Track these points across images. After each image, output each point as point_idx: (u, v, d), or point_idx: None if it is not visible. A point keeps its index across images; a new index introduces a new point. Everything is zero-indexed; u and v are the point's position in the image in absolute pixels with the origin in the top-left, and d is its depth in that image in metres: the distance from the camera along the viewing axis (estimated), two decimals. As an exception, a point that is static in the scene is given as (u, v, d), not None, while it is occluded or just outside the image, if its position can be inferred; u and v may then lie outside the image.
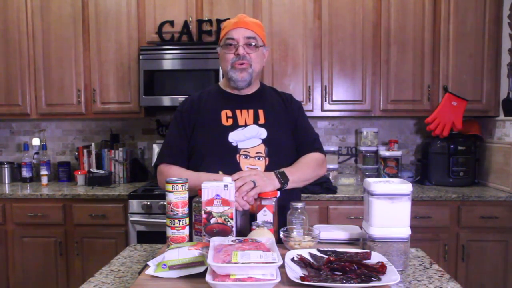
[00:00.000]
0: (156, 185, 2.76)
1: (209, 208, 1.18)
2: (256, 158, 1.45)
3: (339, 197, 2.59)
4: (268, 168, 1.44)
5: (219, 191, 1.18)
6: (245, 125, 1.49)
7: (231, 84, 1.52)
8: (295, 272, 1.01)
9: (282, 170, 1.41)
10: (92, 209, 2.67)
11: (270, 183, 1.34)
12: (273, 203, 1.29)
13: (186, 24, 2.87)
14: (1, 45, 2.99)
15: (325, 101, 2.90)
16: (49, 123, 3.38)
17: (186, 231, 1.21)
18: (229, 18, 2.79)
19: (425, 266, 1.20)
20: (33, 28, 2.97)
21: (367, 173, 3.06)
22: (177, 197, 1.19)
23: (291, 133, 1.55)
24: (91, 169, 3.04)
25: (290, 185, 1.40)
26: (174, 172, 1.45)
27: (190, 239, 1.26)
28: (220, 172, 1.40)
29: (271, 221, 1.27)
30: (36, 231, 2.71)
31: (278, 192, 1.38)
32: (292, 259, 1.08)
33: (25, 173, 3.16)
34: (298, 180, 1.45)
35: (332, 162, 3.04)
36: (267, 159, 1.46)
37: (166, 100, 2.83)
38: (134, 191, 2.70)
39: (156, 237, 2.55)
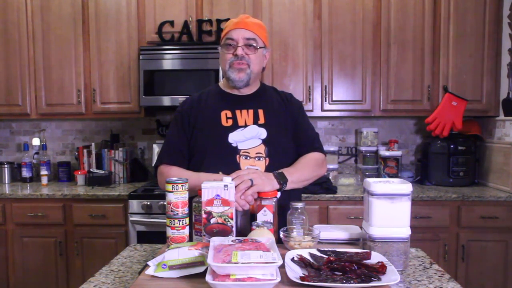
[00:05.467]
0: (156, 185, 2.76)
1: (209, 208, 1.18)
2: (256, 159, 1.45)
3: (339, 197, 2.59)
4: (268, 168, 1.44)
5: (219, 191, 1.18)
6: (245, 126, 1.49)
7: (229, 83, 1.52)
8: (295, 272, 1.01)
9: (280, 171, 1.41)
10: (92, 209, 2.67)
11: (268, 182, 1.33)
12: (273, 203, 1.29)
13: (186, 24, 2.87)
14: (1, 45, 2.99)
15: (325, 101, 2.90)
16: (49, 123, 3.38)
17: (186, 231, 1.21)
18: (229, 18, 2.83)
19: (425, 266, 1.20)
20: (33, 28, 2.97)
21: (367, 173, 3.05)
22: (177, 197, 1.19)
23: (291, 132, 1.55)
24: (91, 169, 3.04)
25: (289, 186, 1.40)
26: (174, 173, 1.45)
27: (190, 239, 1.26)
28: (220, 173, 1.40)
29: (271, 221, 1.27)
30: (36, 231, 2.71)
31: (279, 192, 1.38)
32: (292, 259, 1.08)
33: (25, 173, 3.16)
34: (298, 181, 1.44)
35: (332, 162, 3.04)
36: (267, 159, 1.46)
37: (166, 100, 2.83)
38: (134, 191, 2.70)
39: (156, 237, 2.55)
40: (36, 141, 3.27)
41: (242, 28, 1.47)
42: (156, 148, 3.08)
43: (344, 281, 0.93)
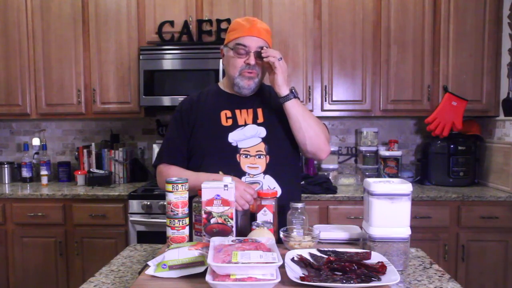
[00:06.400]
0: (156, 185, 2.76)
1: (209, 208, 1.18)
2: (257, 157, 1.45)
3: (339, 197, 2.59)
4: (269, 166, 1.45)
5: (219, 191, 1.18)
6: (245, 125, 1.49)
7: (235, 89, 1.51)
8: (295, 272, 1.01)
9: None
10: (92, 209, 2.67)
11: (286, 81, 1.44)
12: (273, 203, 1.29)
13: (186, 24, 2.87)
14: (1, 45, 2.99)
15: (325, 101, 2.90)
16: (49, 123, 3.37)
17: (186, 231, 1.21)
18: (229, 18, 2.84)
19: (425, 266, 1.20)
20: (33, 28, 2.97)
21: (367, 173, 3.05)
22: (177, 197, 1.19)
23: (290, 129, 1.55)
24: (91, 169, 3.04)
25: (294, 107, 1.43)
26: (173, 172, 1.45)
27: (190, 239, 1.26)
28: (220, 173, 1.40)
29: (271, 221, 1.27)
30: (36, 231, 2.71)
31: (278, 192, 1.38)
32: (292, 259, 1.08)
33: (25, 173, 3.16)
34: (303, 112, 1.46)
35: (332, 162, 3.04)
36: (267, 156, 1.46)
37: (166, 100, 2.83)
38: (134, 191, 2.70)
39: (156, 237, 2.55)
40: (36, 141, 3.27)
41: (255, 36, 1.45)
42: (156, 148, 3.08)
43: (344, 281, 0.93)
